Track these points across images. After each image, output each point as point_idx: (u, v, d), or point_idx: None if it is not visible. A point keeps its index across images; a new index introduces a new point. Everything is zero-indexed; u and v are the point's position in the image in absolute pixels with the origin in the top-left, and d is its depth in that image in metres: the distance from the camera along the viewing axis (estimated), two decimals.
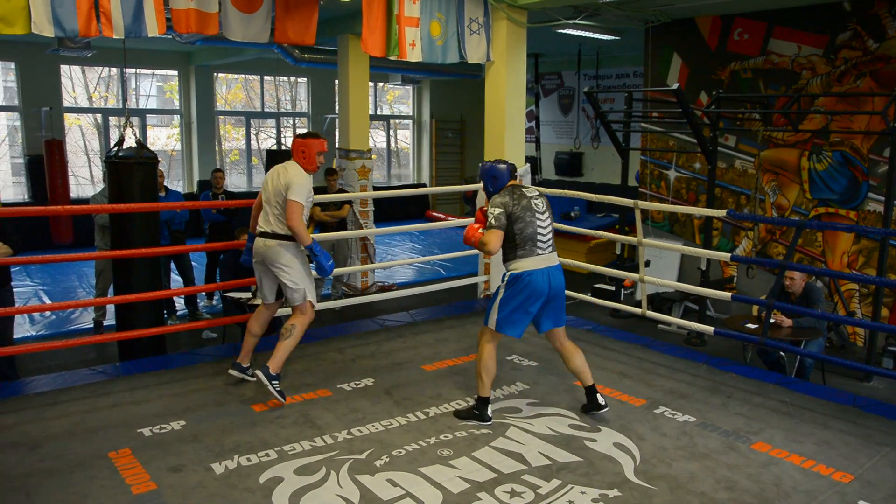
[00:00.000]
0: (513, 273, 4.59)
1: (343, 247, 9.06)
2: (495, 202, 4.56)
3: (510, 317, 4.60)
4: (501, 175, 4.70)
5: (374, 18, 6.68)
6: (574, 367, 4.87)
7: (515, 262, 4.59)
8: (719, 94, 7.82)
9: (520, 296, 4.57)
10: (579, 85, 13.78)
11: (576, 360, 4.86)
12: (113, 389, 5.21)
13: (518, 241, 4.56)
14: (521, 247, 4.57)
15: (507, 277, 4.62)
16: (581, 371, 4.87)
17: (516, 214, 4.54)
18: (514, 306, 4.59)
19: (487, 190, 4.74)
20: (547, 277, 4.61)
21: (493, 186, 4.71)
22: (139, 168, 5.96)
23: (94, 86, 13.97)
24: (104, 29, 5.45)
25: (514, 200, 4.57)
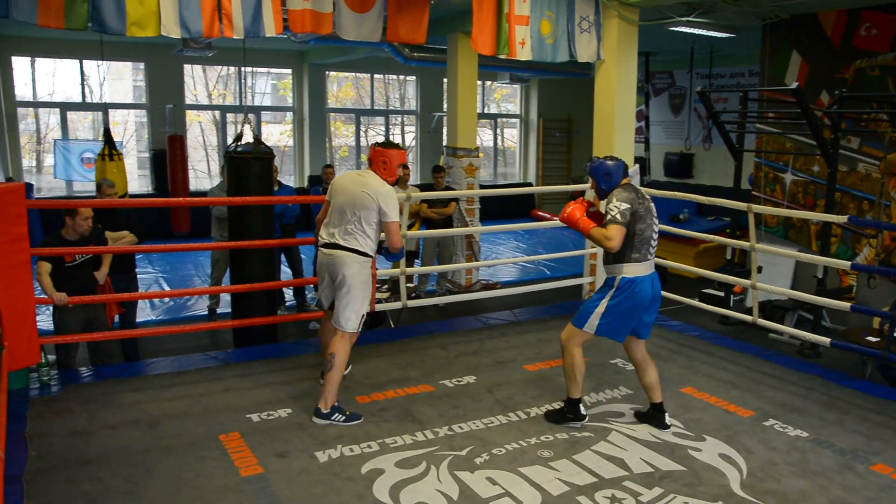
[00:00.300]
0: (624, 278, 4.42)
1: (448, 244, 9.13)
2: (621, 196, 4.37)
3: (613, 323, 4.46)
4: (616, 172, 4.51)
5: (484, 17, 6.71)
6: (649, 380, 4.68)
7: (629, 266, 4.42)
8: (842, 94, 7.44)
9: (628, 302, 4.43)
10: (691, 84, 13.41)
11: (652, 373, 4.68)
12: (225, 375, 5.45)
13: (636, 243, 4.39)
14: (637, 249, 4.40)
15: (619, 281, 4.43)
16: (655, 387, 4.68)
17: (640, 214, 4.39)
18: (621, 312, 4.44)
19: (600, 189, 4.56)
20: (651, 284, 4.50)
21: (606, 185, 4.52)
22: (256, 163, 6.20)
23: (213, 84, 14.62)
24: (226, 30, 5.70)
25: (638, 198, 4.42)
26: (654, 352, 6.16)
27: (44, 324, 6.27)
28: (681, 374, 5.70)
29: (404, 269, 6.59)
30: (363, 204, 4.56)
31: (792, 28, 8.92)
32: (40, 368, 5.10)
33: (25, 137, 13.13)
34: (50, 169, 12.68)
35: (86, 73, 12.80)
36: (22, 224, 4.74)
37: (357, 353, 5.92)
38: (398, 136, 15.83)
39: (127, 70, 13.95)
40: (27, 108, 12.92)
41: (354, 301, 4.62)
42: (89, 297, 5.40)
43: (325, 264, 4.70)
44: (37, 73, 12.71)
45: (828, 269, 7.29)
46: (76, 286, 5.33)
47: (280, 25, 5.92)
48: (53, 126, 13.25)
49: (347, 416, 4.63)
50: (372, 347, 6.15)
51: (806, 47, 8.94)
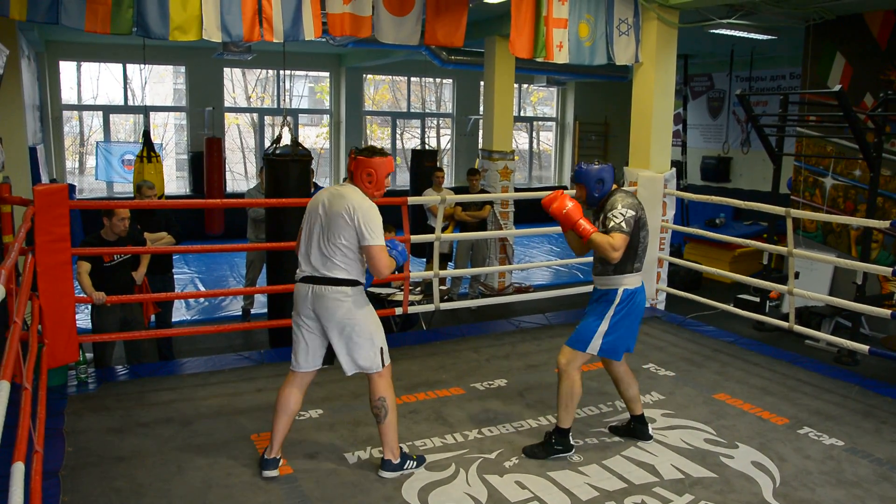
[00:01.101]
0: (627, 289, 4.15)
1: (482, 247, 9.14)
2: (626, 203, 4.06)
3: (617, 340, 4.19)
4: (609, 178, 4.18)
5: (522, 20, 6.70)
6: (633, 393, 4.46)
7: (631, 277, 4.15)
8: (888, 96, 7.29)
9: (631, 315, 4.19)
10: (731, 87, 13.24)
11: (634, 387, 4.46)
12: (257, 375, 5.50)
13: (638, 252, 4.14)
14: (638, 259, 4.15)
15: (622, 294, 4.14)
16: (636, 399, 4.48)
17: (644, 221, 4.13)
18: (626, 327, 4.19)
19: (592, 196, 4.20)
20: (644, 295, 4.29)
21: (599, 192, 4.17)
22: (294, 165, 6.27)
23: (252, 87, 14.80)
24: (265, 33, 5.77)
25: (640, 205, 4.16)
26: (687, 357, 6.12)
27: (82, 322, 6.39)
28: (714, 380, 5.63)
29: (437, 271, 6.60)
30: (340, 223, 3.77)
31: (836, 29, 8.76)
32: (78, 366, 5.20)
33: (69, 140, 13.43)
34: (92, 170, 12.96)
35: (128, 76, 13.05)
36: (64, 224, 4.84)
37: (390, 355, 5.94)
38: (433, 138, 15.85)
39: (168, 73, 14.20)
40: (72, 111, 13.21)
41: (364, 340, 3.88)
42: (126, 296, 5.50)
43: (308, 303, 3.87)
44: (82, 76, 13.01)
45: (867, 275, 7.16)
46: (114, 286, 5.43)
47: (319, 29, 5.98)
48: (96, 128, 13.54)
49: (417, 461, 4.11)
50: (404, 349, 6.16)
51: (850, 49, 8.78)
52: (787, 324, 6.26)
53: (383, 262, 3.78)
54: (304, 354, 3.97)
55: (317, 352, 3.98)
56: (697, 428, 4.73)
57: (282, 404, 3.99)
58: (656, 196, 7.37)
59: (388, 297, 6.78)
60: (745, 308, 7.51)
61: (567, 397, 4.18)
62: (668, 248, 7.81)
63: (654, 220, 7.18)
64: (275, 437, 3.98)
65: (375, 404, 3.95)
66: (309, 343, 3.94)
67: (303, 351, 3.96)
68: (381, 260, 3.77)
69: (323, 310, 3.82)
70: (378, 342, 3.92)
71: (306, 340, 3.94)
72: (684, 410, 5.01)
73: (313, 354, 3.98)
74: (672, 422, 4.81)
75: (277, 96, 14.44)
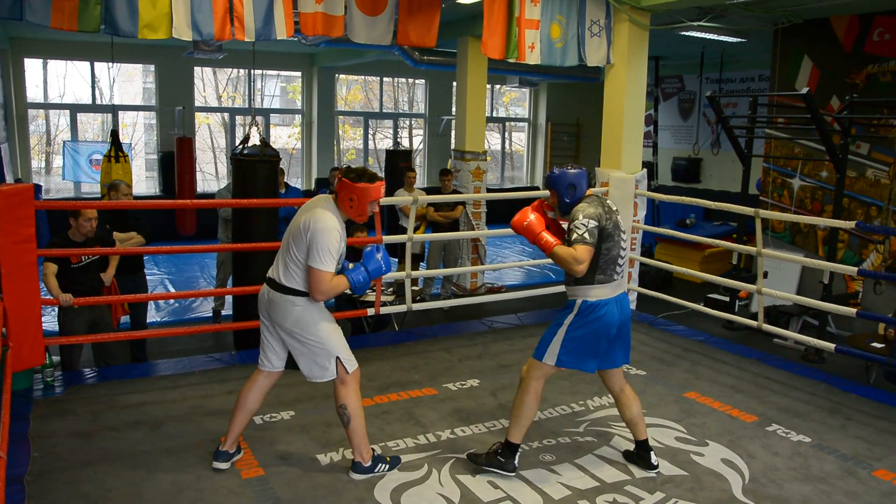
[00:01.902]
0: (586, 301, 3.89)
1: (454, 247, 9.13)
2: (587, 212, 3.81)
3: (575, 352, 3.92)
4: (581, 183, 3.94)
5: (494, 21, 6.70)
6: (631, 415, 4.16)
7: (593, 289, 3.88)
8: (853, 99, 7.41)
9: (589, 327, 3.90)
10: (701, 89, 13.38)
11: (634, 407, 4.16)
12: (228, 377, 5.45)
13: (601, 264, 3.85)
14: (602, 271, 3.86)
15: (580, 306, 3.90)
16: (638, 421, 4.18)
17: (608, 231, 3.84)
18: (583, 341, 3.92)
19: (564, 203, 3.97)
20: (619, 307, 3.96)
21: (571, 198, 3.94)
22: (262, 165, 6.21)
23: (223, 86, 14.68)
24: (237, 32, 5.71)
25: (605, 213, 3.87)
26: (658, 356, 6.17)
27: (49, 325, 6.29)
28: (685, 378, 5.68)
29: (409, 272, 6.59)
30: (298, 236, 3.74)
31: (803, 33, 8.88)
32: (44, 369, 5.11)
33: (35, 139, 13.22)
34: (58, 170, 12.77)
35: (96, 74, 12.87)
36: (30, 225, 4.76)
37: (361, 355, 5.86)
38: (406, 139, 15.83)
39: (137, 72, 14.04)
40: (37, 109, 13.01)
41: (313, 349, 3.86)
42: (94, 298, 5.41)
43: (264, 305, 3.91)
44: (48, 74, 12.81)
45: (834, 274, 7.26)
46: (82, 287, 5.34)
47: (291, 28, 5.93)
48: (63, 128, 13.34)
49: (390, 463, 4.10)
50: (376, 350, 6.15)
51: (817, 52, 8.90)
52: (756, 322, 6.34)
53: (320, 287, 3.71)
54: (266, 353, 4.01)
55: (278, 353, 3.99)
56: (668, 426, 4.77)
57: (241, 401, 4.05)
58: (627, 196, 7.41)
59: (360, 298, 6.76)
60: (715, 307, 7.58)
61: (520, 407, 3.99)
62: (639, 248, 7.87)
63: (626, 221, 7.22)
64: (230, 431, 4.06)
65: (338, 411, 3.97)
66: (270, 342, 3.98)
67: (265, 349, 4.01)
68: (318, 284, 3.71)
69: (276, 315, 3.85)
70: (333, 351, 3.87)
71: (267, 339, 3.99)
72: (655, 409, 5.04)
73: (275, 355, 3.99)
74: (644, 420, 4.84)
75: (249, 96, 14.34)
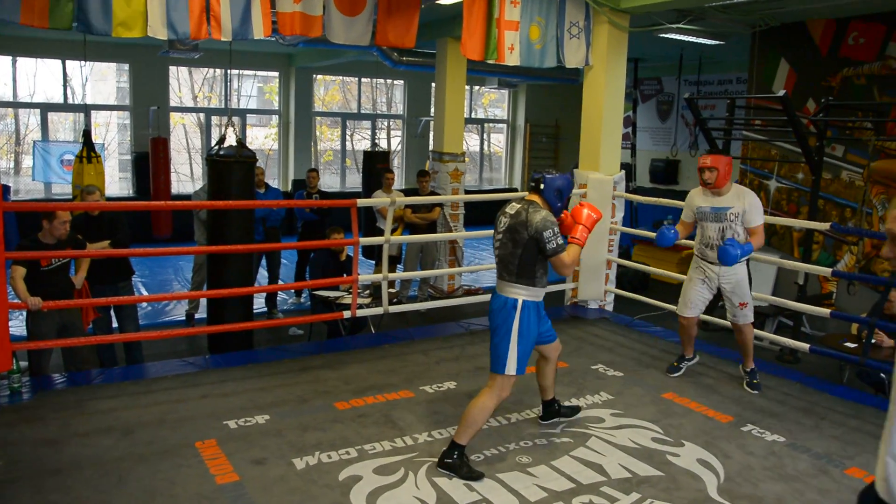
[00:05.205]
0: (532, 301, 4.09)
1: (431, 249, 9.10)
2: (551, 220, 3.98)
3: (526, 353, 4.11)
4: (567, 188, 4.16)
5: (474, 22, 6.68)
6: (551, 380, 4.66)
7: (541, 290, 4.11)
8: (829, 102, 7.46)
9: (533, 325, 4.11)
10: (679, 91, 13.45)
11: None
12: (202, 381, 5.37)
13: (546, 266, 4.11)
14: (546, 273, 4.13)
15: (523, 304, 4.05)
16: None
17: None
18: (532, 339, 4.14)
19: (556, 207, 4.12)
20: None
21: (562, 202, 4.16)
22: (238, 166, 6.15)
23: (198, 86, 14.55)
24: (213, 31, 5.64)
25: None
26: (635, 357, 6.17)
27: (17, 329, 6.19)
28: (662, 379, 5.68)
29: (386, 273, 6.54)
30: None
31: (781, 36, 8.94)
32: (11, 375, 4.97)
33: (4, 138, 13.03)
34: (28, 171, 12.56)
35: (68, 73, 12.69)
36: None
37: (337, 358, 5.91)
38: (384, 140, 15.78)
39: (111, 71, 13.85)
40: (6, 108, 12.81)
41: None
42: (64, 301, 5.30)
43: None
44: (17, 72, 12.59)
45: (808, 275, 7.31)
46: (52, 291, 5.23)
47: (269, 28, 5.87)
48: (33, 127, 13.13)
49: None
50: (352, 353, 6.09)
51: (794, 55, 8.97)
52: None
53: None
54: None
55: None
56: (645, 427, 4.76)
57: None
58: (606, 198, 7.42)
59: (336, 301, 6.70)
60: None
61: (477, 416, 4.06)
62: (616, 249, 7.87)
63: (604, 222, 7.22)
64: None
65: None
66: None
67: None
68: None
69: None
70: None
71: None
72: (632, 410, 5.04)
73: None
74: (620, 421, 4.84)
75: (225, 96, 14.22)
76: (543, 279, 4.11)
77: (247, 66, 14.07)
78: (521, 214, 3.99)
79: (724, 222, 5.27)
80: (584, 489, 3.93)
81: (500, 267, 4.11)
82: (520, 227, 3.97)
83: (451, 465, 4.04)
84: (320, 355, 6.00)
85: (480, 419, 4.07)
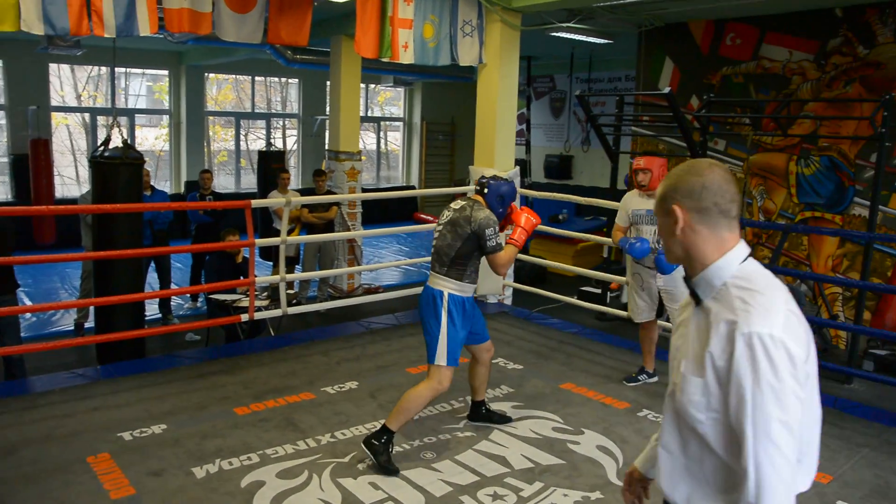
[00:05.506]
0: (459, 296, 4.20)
1: (330, 249, 9.01)
2: (493, 219, 4.15)
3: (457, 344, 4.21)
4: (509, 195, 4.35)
5: (367, 20, 6.66)
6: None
7: (468, 286, 4.23)
8: (710, 99, 7.81)
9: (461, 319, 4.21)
10: (571, 88, 13.78)
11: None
12: (93, 393, 5.15)
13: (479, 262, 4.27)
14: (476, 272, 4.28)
15: (450, 297, 4.17)
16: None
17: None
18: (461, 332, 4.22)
19: (498, 213, 4.27)
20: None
21: (503, 207, 4.32)
22: (124, 168, 5.91)
23: (82, 85, 13.90)
24: (95, 28, 5.40)
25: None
26: (535, 350, 6.29)
27: None
28: (560, 370, 5.82)
29: (284, 275, 6.45)
30: None
31: (665, 35, 9.29)
32: None
33: None
34: None
35: None
36: None
37: (236, 363, 5.79)
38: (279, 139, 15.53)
39: None
40: None
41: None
42: None
43: None
44: None
45: None
46: None
47: (155, 25, 5.67)
48: None
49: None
50: (251, 357, 5.98)
51: (678, 54, 9.33)
52: (627, 313, 6.55)
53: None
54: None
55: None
56: (546, 417, 4.87)
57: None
58: None
59: (233, 304, 6.56)
60: (587, 300, 7.82)
61: (412, 404, 4.13)
62: None
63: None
64: None
65: None
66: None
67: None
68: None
69: None
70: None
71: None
72: (533, 401, 5.14)
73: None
74: (521, 413, 4.93)
75: (111, 95, 13.64)
76: (472, 277, 4.23)
77: (134, 63, 13.52)
78: (466, 210, 4.15)
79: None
80: (489, 481, 3.99)
81: (434, 258, 4.23)
82: (463, 221, 4.12)
83: (374, 448, 4.08)
84: (218, 360, 5.86)
85: (413, 407, 4.13)
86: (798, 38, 8.12)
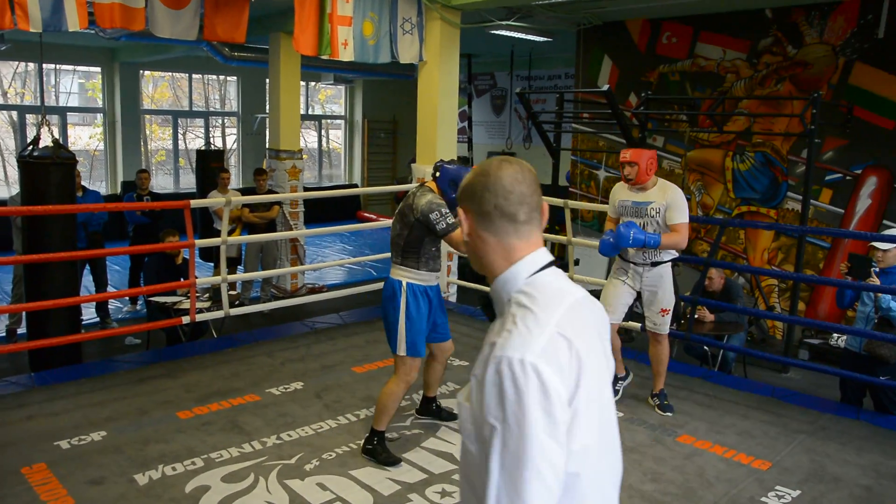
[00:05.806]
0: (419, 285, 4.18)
1: (272, 248, 8.91)
2: (437, 201, 4.07)
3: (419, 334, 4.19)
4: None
5: (306, 17, 6.59)
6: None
7: (427, 274, 4.20)
8: (648, 96, 7.97)
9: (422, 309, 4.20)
10: (512, 85, 13.88)
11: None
12: (27, 401, 4.97)
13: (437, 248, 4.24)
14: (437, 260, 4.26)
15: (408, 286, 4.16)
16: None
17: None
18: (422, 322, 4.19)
19: (450, 199, 4.14)
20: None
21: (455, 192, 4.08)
22: (55, 168, 5.70)
23: (9, 81, 13.43)
24: (19, 21, 5.22)
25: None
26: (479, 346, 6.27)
27: None
28: None
29: (225, 276, 6.35)
30: None
31: (603, 34, 9.43)
32: None
33: None
34: None
35: None
36: None
37: (178, 366, 5.68)
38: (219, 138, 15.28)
39: None
40: None
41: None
42: None
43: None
44: None
45: None
46: None
47: (85, 19, 5.50)
48: None
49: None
50: (194, 359, 5.87)
51: (616, 52, 9.48)
52: None
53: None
54: None
55: None
56: None
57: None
58: None
59: (173, 306, 6.43)
60: None
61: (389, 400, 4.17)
62: None
63: None
64: None
65: None
66: None
67: None
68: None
69: None
70: None
71: None
72: None
73: None
74: None
75: (40, 93, 13.22)
76: (430, 264, 4.19)
77: (64, 60, 13.12)
78: (410, 198, 4.14)
79: (644, 217, 4.80)
80: (437, 479, 3.99)
81: (391, 249, 4.24)
82: (407, 210, 4.11)
83: (371, 451, 4.17)
84: (159, 364, 5.73)
85: (390, 403, 4.14)
86: (731, 38, 8.33)
